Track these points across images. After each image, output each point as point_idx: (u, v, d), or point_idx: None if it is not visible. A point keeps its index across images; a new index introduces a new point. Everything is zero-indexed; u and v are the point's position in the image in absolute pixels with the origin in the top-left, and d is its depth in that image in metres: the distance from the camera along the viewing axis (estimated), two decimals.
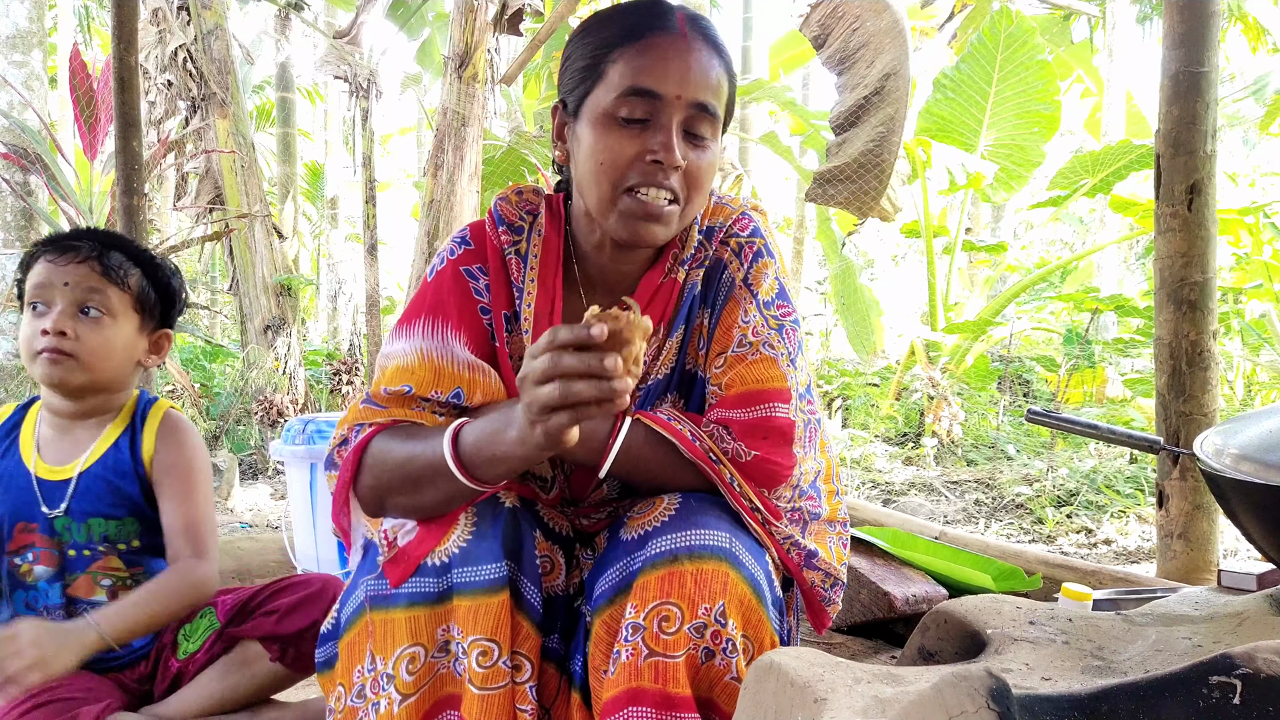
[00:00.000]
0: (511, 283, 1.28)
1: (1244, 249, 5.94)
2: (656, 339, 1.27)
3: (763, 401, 1.20)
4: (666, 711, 1.05)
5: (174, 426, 1.59)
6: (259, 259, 6.44)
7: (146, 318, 1.55)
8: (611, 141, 1.15)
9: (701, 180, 1.19)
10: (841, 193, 4.50)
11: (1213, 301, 2.25)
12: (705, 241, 1.29)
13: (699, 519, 1.11)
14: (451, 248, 1.31)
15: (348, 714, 1.16)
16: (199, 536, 1.55)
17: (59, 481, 1.51)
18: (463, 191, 5.68)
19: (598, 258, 1.29)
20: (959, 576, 2.19)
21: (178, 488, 1.56)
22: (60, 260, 1.45)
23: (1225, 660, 0.77)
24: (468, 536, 1.13)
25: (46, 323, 1.44)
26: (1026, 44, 6.34)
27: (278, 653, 1.52)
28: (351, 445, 1.19)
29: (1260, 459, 1.15)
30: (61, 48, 10.86)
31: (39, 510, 1.50)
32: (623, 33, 1.18)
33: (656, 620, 1.06)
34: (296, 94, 10.70)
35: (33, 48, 5.04)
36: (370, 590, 1.14)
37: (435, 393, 1.20)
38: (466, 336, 1.24)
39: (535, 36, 5.70)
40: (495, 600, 1.11)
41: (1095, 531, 3.69)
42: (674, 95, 1.14)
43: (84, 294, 1.46)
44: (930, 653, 1.18)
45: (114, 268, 1.48)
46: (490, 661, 1.11)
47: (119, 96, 2.99)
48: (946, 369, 6.30)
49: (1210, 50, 2.23)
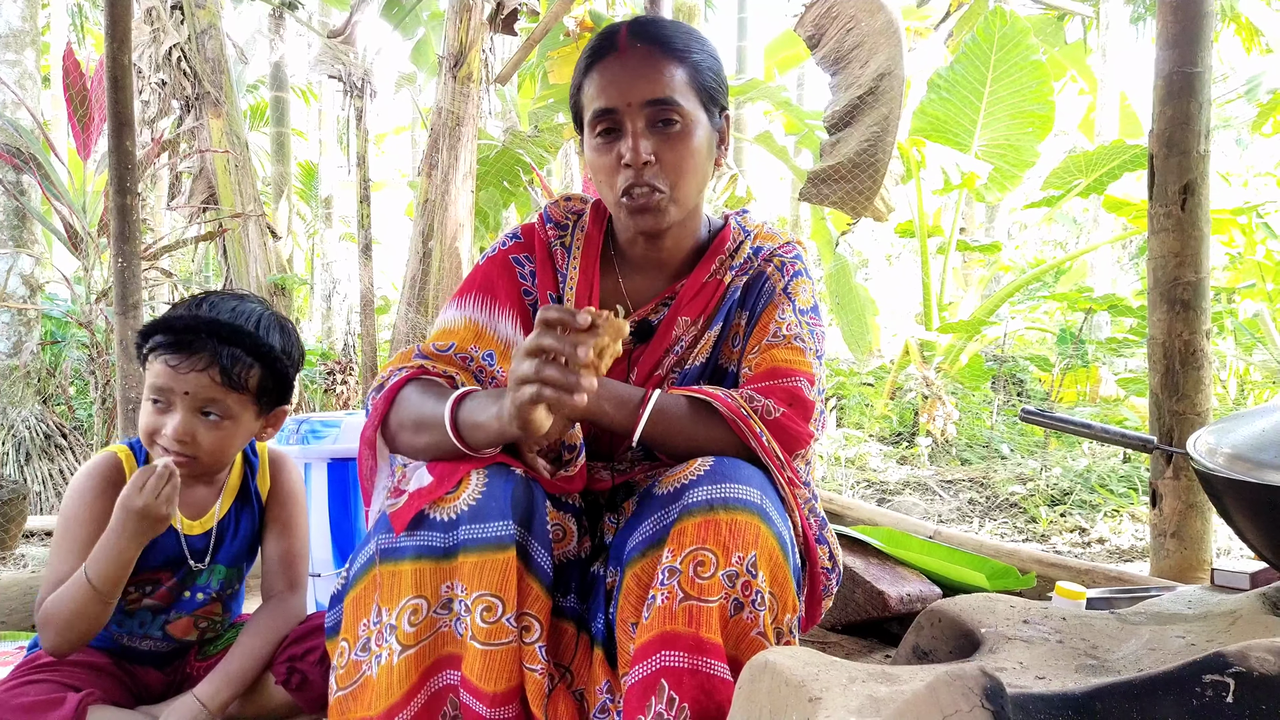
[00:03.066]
0: (557, 270, 1.46)
1: (1237, 249, 5.95)
2: (695, 329, 1.40)
3: (788, 376, 1.32)
4: (699, 656, 1.08)
5: (282, 464, 1.67)
6: (253, 259, 6.43)
7: (264, 406, 1.55)
8: (598, 159, 1.34)
9: (681, 163, 1.32)
10: (836, 192, 4.50)
11: (1206, 301, 2.25)
12: (753, 256, 1.45)
13: (733, 474, 1.18)
14: (503, 240, 1.50)
15: (350, 668, 1.17)
16: (296, 570, 1.64)
17: (199, 535, 1.56)
18: (457, 191, 5.67)
19: (632, 251, 1.45)
20: (953, 575, 2.19)
21: (285, 522, 1.65)
22: (181, 367, 1.44)
23: (1219, 659, 0.77)
24: (478, 496, 1.18)
25: (168, 427, 1.45)
26: (1020, 44, 6.34)
27: (284, 674, 1.52)
28: (387, 387, 1.32)
29: (1253, 458, 1.16)
30: (55, 47, 10.84)
31: (182, 564, 1.55)
32: (583, 69, 1.36)
33: (692, 565, 1.11)
34: (290, 93, 10.67)
35: (26, 47, 5.02)
36: (381, 544, 1.18)
37: (474, 347, 1.37)
38: (513, 312, 1.42)
39: (530, 36, 5.70)
40: (500, 557, 1.14)
41: (1089, 530, 3.70)
42: (625, 104, 1.30)
43: (204, 402, 1.47)
44: (925, 652, 1.19)
45: (234, 374, 1.47)
46: (494, 618, 1.13)
47: (112, 95, 2.99)
48: (941, 368, 6.31)
49: (1204, 50, 2.24)
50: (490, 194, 7.60)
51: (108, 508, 1.42)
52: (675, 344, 1.40)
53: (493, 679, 1.11)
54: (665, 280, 1.44)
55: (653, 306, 1.43)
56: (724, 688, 1.07)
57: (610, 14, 7.66)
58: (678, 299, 1.41)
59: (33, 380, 4.78)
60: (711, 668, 1.08)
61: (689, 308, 1.40)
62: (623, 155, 1.29)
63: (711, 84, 1.36)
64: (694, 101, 1.33)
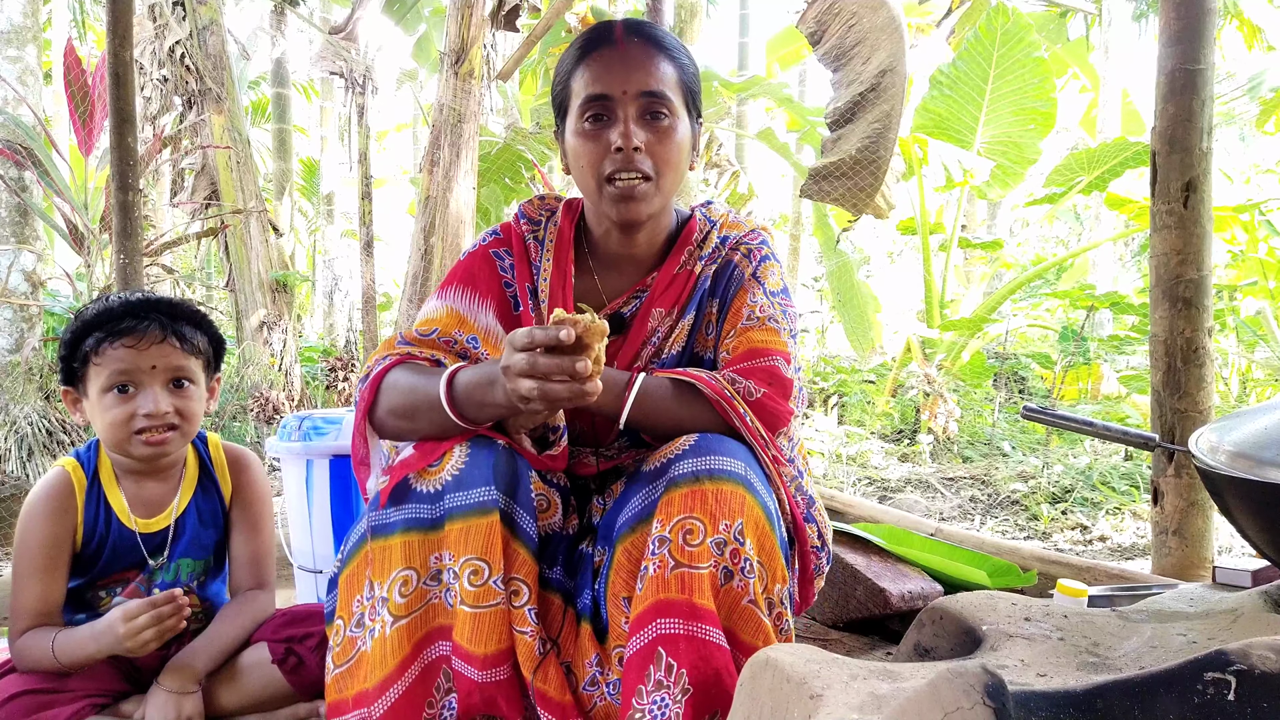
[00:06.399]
0: (531, 263, 1.49)
1: (1239, 246, 5.94)
2: (670, 320, 1.45)
3: (766, 355, 1.36)
4: (694, 622, 1.10)
5: (247, 463, 1.70)
6: (255, 255, 6.43)
7: (210, 372, 1.62)
8: (585, 144, 1.37)
9: (668, 155, 1.37)
10: (837, 189, 4.49)
11: (1208, 299, 2.25)
12: (721, 246, 1.48)
13: (718, 448, 1.22)
14: (485, 236, 1.54)
15: (346, 645, 1.21)
16: (263, 568, 1.67)
17: (156, 532, 1.59)
18: (459, 188, 5.66)
19: (607, 244, 1.49)
20: (954, 573, 2.19)
21: (251, 522, 1.67)
22: (141, 344, 1.49)
23: (1220, 656, 0.77)
24: (461, 465, 1.23)
25: (146, 405, 1.49)
26: (1023, 41, 6.33)
27: (281, 653, 1.54)
28: (372, 375, 1.36)
29: (1255, 456, 1.16)
30: (56, 43, 10.83)
31: (146, 563, 1.58)
32: (576, 57, 1.41)
33: (681, 534, 1.14)
34: (292, 90, 10.67)
35: (27, 43, 5.02)
36: (372, 521, 1.23)
37: (457, 331, 1.41)
38: (493, 304, 1.46)
39: (532, 32, 5.69)
40: (484, 521, 1.19)
41: (1090, 528, 3.70)
42: (620, 92, 1.35)
43: (173, 371, 1.52)
44: (926, 649, 1.18)
45: (189, 338, 1.55)
46: (481, 581, 1.17)
47: (114, 92, 2.98)
48: (942, 366, 6.30)
49: (1206, 47, 2.23)
50: (492, 190, 7.60)
51: (60, 530, 1.49)
52: (651, 335, 1.44)
53: (483, 641, 1.15)
54: (637, 273, 1.49)
55: (624, 299, 1.47)
56: (720, 653, 1.10)
57: (611, 9, 7.65)
58: (651, 291, 1.45)
59: (34, 376, 4.78)
60: (707, 634, 1.10)
61: (662, 299, 1.44)
62: (613, 141, 1.34)
63: (695, 88, 1.44)
64: (680, 101, 1.39)
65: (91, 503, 1.54)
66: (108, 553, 1.54)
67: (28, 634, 1.47)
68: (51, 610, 1.50)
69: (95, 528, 1.53)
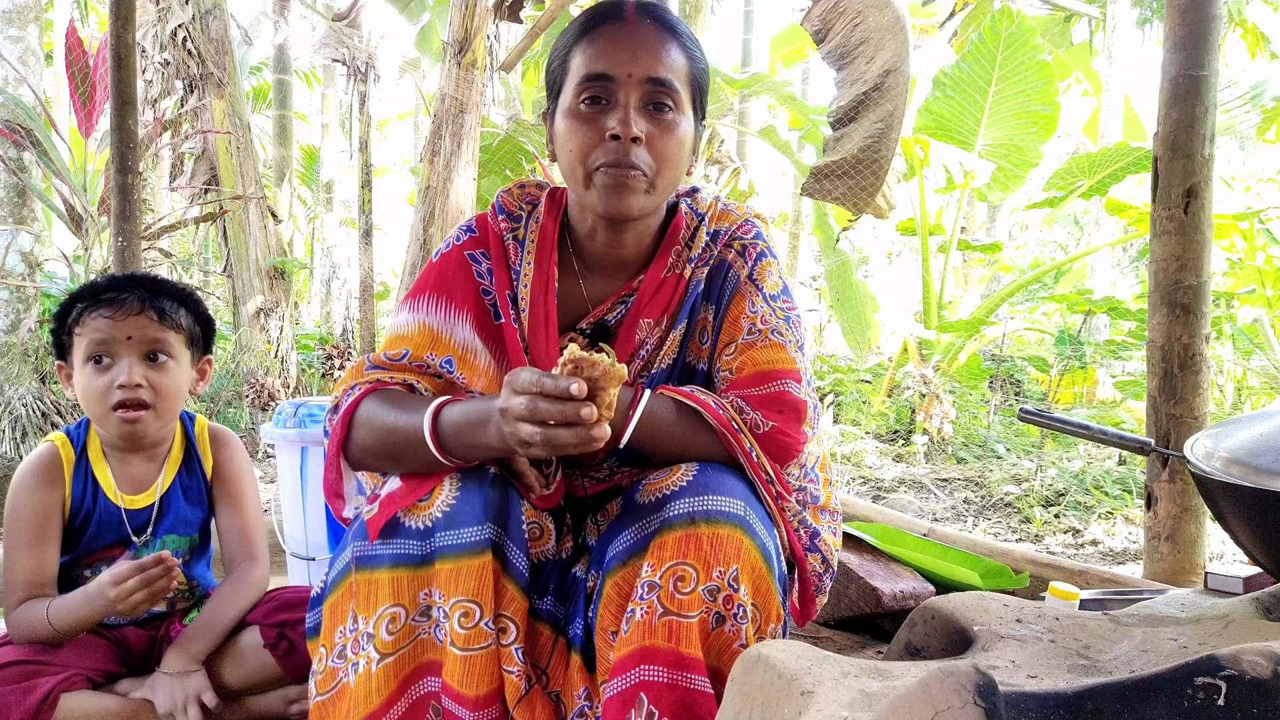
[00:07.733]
0: (510, 266, 1.35)
1: (1238, 254, 5.95)
2: (660, 330, 1.33)
3: (775, 379, 1.25)
4: (679, 671, 1.06)
5: (226, 440, 1.72)
6: (253, 241, 6.41)
7: (196, 351, 1.64)
8: (578, 127, 1.23)
9: (668, 152, 1.24)
10: (838, 188, 4.49)
11: (1206, 305, 2.25)
12: (711, 243, 1.36)
13: (716, 485, 1.14)
14: (458, 234, 1.39)
15: (328, 675, 1.17)
16: (253, 541, 1.69)
17: (141, 509, 1.61)
18: (460, 178, 5.65)
19: (591, 244, 1.35)
20: (947, 573, 2.19)
21: (235, 496, 1.69)
22: (118, 315, 1.51)
23: (1211, 662, 0.78)
24: (452, 501, 1.16)
25: (120, 376, 1.51)
26: (1027, 44, 6.32)
27: (273, 637, 1.55)
28: (342, 410, 1.25)
29: (1250, 463, 1.16)
30: (58, 24, 10.79)
31: (130, 540, 1.60)
32: (579, 31, 1.27)
33: (672, 580, 1.09)
34: (294, 76, 10.63)
35: (29, 23, 5.00)
36: (357, 551, 1.16)
37: (430, 355, 1.29)
38: (470, 315, 1.32)
39: (535, 24, 5.68)
40: (477, 562, 1.13)
41: (1082, 532, 3.71)
42: (625, 74, 1.22)
43: (149, 344, 1.54)
44: (917, 648, 1.19)
45: (168, 313, 1.56)
46: (472, 623, 1.12)
47: (115, 74, 2.97)
48: (939, 367, 6.31)
49: (1210, 54, 2.23)
50: (492, 182, 7.58)
51: (49, 501, 1.52)
52: (640, 348, 1.33)
53: (474, 683, 1.11)
54: (623, 276, 1.36)
55: (609, 305, 1.35)
56: (704, 700, 1.05)
57: None
58: (637, 297, 1.33)
59: (30, 358, 4.77)
60: (691, 682, 1.06)
61: (649, 308, 1.33)
62: (610, 127, 1.21)
63: (703, 84, 1.32)
64: (687, 95, 1.28)
65: (79, 477, 1.56)
66: (93, 527, 1.56)
67: (23, 605, 1.49)
68: (45, 582, 1.51)
69: (82, 502, 1.55)
